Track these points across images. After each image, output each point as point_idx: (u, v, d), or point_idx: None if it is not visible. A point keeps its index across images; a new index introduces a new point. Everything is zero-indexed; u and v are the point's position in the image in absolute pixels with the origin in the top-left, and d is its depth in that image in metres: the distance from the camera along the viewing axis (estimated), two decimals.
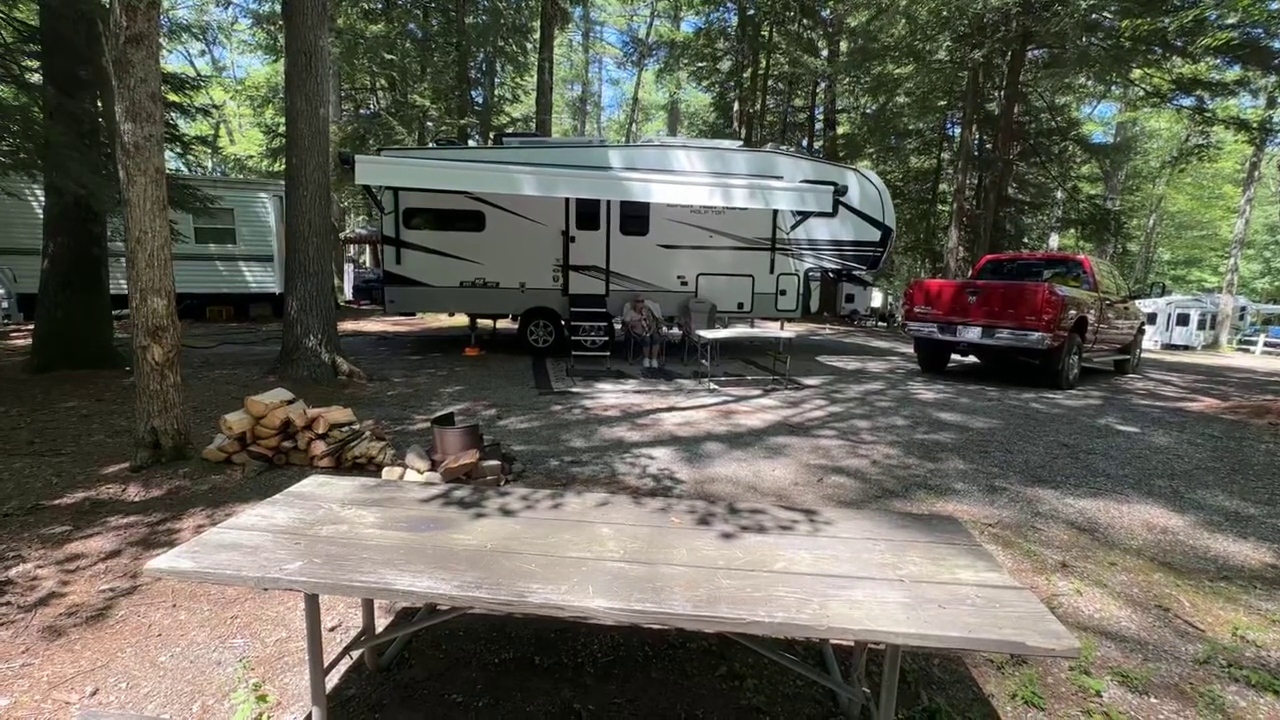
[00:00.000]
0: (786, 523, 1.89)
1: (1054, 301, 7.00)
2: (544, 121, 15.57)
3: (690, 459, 4.62)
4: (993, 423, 5.88)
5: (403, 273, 8.72)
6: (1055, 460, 4.74)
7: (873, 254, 10.04)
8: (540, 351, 9.25)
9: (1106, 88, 20.24)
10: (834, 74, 17.60)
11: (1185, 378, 10.05)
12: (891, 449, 4.97)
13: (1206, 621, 2.57)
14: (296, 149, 6.36)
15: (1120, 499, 3.95)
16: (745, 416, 5.96)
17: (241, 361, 7.80)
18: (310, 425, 4.17)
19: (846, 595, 1.49)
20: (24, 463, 4.06)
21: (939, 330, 7.97)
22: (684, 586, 1.51)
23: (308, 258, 6.49)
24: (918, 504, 3.79)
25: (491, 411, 5.91)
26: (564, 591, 1.48)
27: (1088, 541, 3.32)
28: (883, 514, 2.00)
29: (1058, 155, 18.33)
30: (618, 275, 9.24)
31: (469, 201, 8.62)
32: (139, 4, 3.28)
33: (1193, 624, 2.55)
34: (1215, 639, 2.44)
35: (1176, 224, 36.66)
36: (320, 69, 6.33)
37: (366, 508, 1.96)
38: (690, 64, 22.50)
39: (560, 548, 1.73)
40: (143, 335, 3.70)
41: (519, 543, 1.75)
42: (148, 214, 3.52)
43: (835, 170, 9.93)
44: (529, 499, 2.06)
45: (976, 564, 1.65)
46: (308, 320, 6.54)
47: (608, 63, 41.67)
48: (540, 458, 4.57)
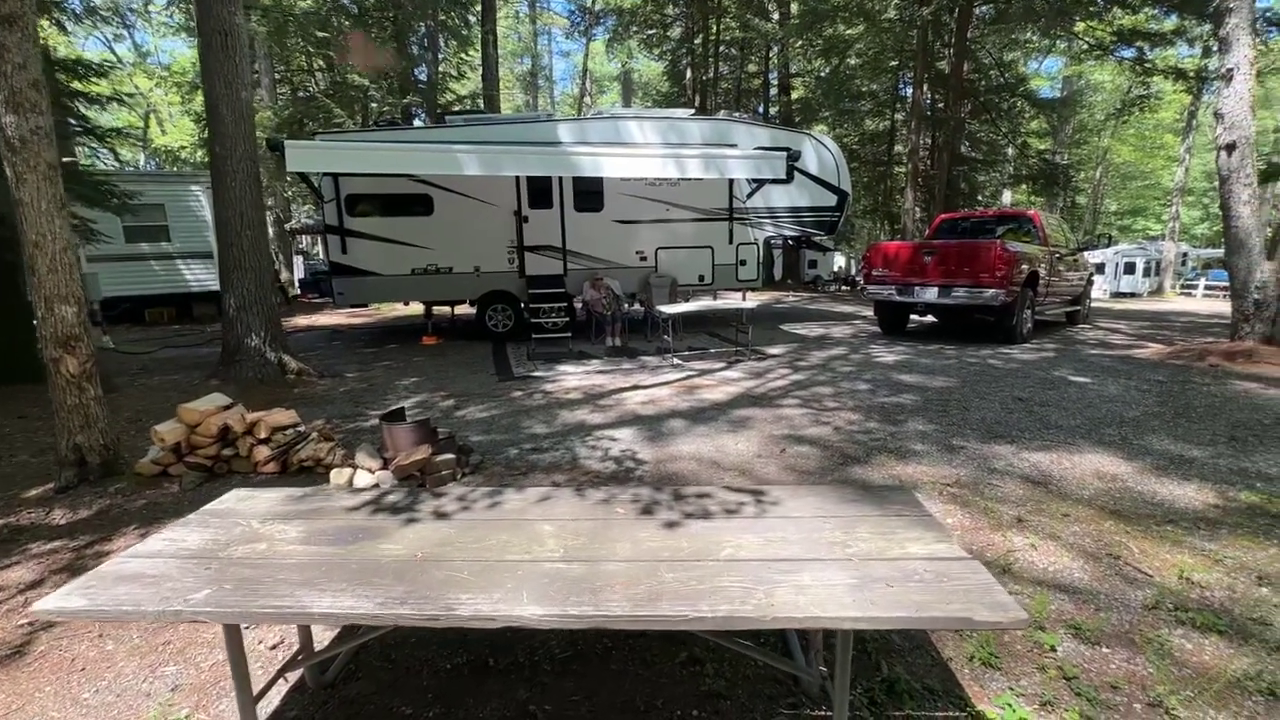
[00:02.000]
0: (734, 505, 1.83)
1: (1006, 258, 7.09)
2: (491, 97, 15.03)
3: (653, 438, 4.55)
4: (951, 381, 5.96)
5: (350, 263, 8.37)
6: (1011, 415, 4.82)
7: (830, 219, 10.03)
8: (500, 336, 9.04)
9: (1051, 42, 20.48)
10: (785, 37, 17.37)
11: (1133, 325, 10.39)
12: (853, 414, 4.99)
13: (1155, 566, 2.62)
14: (220, 137, 5.97)
15: (1072, 450, 4.03)
16: (709, 390, 5.92)
17: (183, 366, 7.43)
18: (251, 430, 3.96)
19: (793, 580, 1.43)
20: None
21: (897, 292, 8.04)
22: (624, 584, 1.43)
23: (242, 252, 6.14)
24: (879, 469, 3.80)
25: (450, 402, 5.74)
26: (496, 600, 1.39)
27: (1042, 495, 3.37)
28: (833, 488, 1.95)
29: (1007, 112, 18.57)
30: (575, 254, 9.04)
31: (414, 185, 8.28)
32: None
33: (1142, 569, 2.60)
34: (1163, 583, 2.50)
35: (1121, 175, 37.70)
36: (238, 50, 5.91)
37: (290, 521, 1.83)
38: (640, 31, 21.95)
39: (496, 551, 1.63)
40: (53, 347, 3.43)
41: (452, 549, 1.64)
42: (44, 215, 3.23)
43: (790, 136, 9.83)
44: (466, 499, 1.95)
45: (926, 535, 1.62)
46: (248, 319, 6.22)
47: (557, 34, 40.46)
48: (500, 447, 4.45)
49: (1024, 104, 19.14)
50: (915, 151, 16.10)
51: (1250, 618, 2.26)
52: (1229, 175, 6.37)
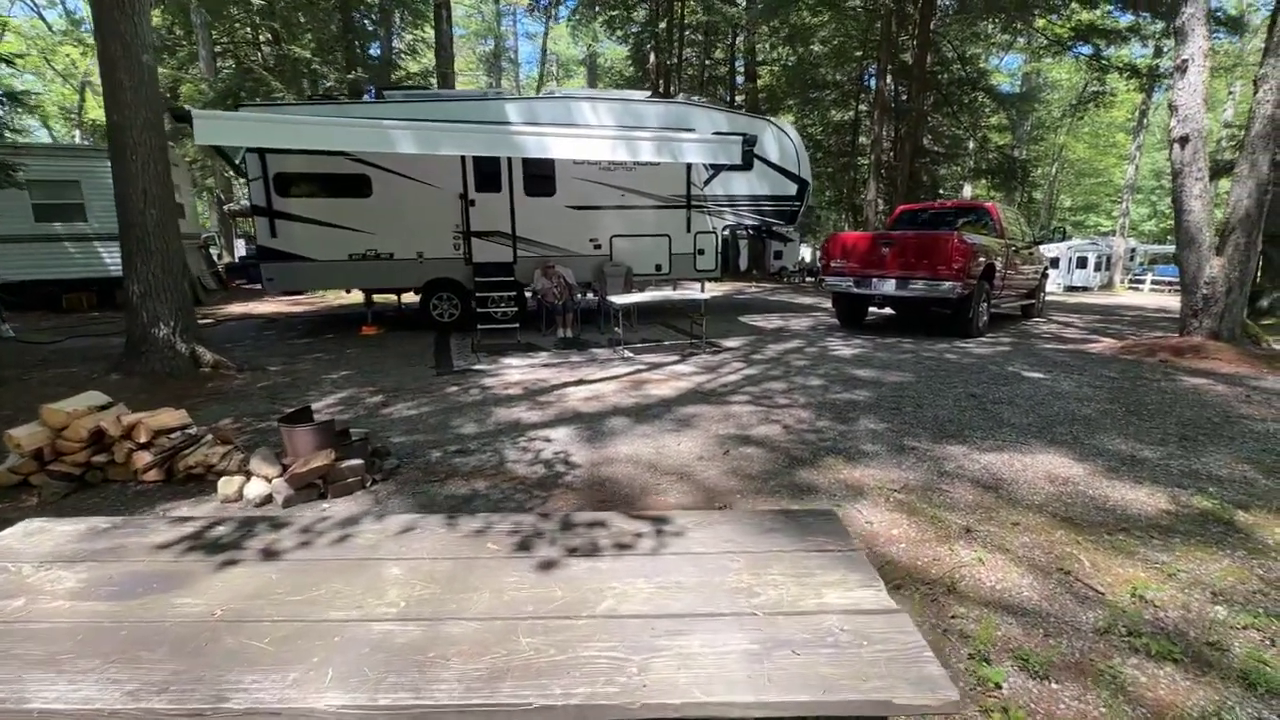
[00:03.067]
0: (629, 538, 1.53)
1: (963, 250, 6.97)
2: (445, 75, 14.34)
3: (591, 438, 4.24)
4: (906, 376, 5.80)
5: (280, 247, 7.79)
6: (964, 413, 4.65)
7: (790, 208, 9.82)
8: (445, 327, 8.59)
9: (1013, 36, 20.71)
10: (750, 22, 17.07)
11: (1085, 319, 10.50)
12: (805, 412, 4.77)
13: (1106, 582, 2.43)
14: (118, 105, 5.38)
15: (1024, 450, 3.87)
16: (657, 385, 5.64)
17: (89, 357, 6.79)
18: (130, 433, 3.50)
19: (679, 646, 1.14)
20: None
21: (855, 284, 7.87)
22: (465, 655, 1.12)
23: (146, 233, 5.57)
24: (826, 472, 3.57)
25: (378, 399, 5.33)
26: (290, 683, 1.06)
27: (992, 500, 3.18)
28: (749, 515, 1.67)
29: (968, 105, 18.68)
30: (525, 240, 8.62)
31: (349, 164, 7.74)
32: None
33: (1093, 586, 2.40)
34: (1115, 602, 2.30)
35: (1076, 171, 38.73)
36: (136, 6, 5.32)
37: (74, 566, 1.46)
38: (603, 13, 21.37)
39: (321, 604, 1.29)
40: None
41: (265, 603, 1.30)
42: None
43: (749, 122, 9.57)
44: (311, 529, 1.61)
45: (849, 577, 1.34)
46: (154, 306, 5.67)
47: (522, 16, 39.34)
48: (422, 449, 4.08)
49: (984, 98, 19.31)
50: (878, 142, 16.04)
51: (1207, 642, 2.07)
52: (1181, 169, 6.33)
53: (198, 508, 3.23)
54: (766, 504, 3.15)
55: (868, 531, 2.85)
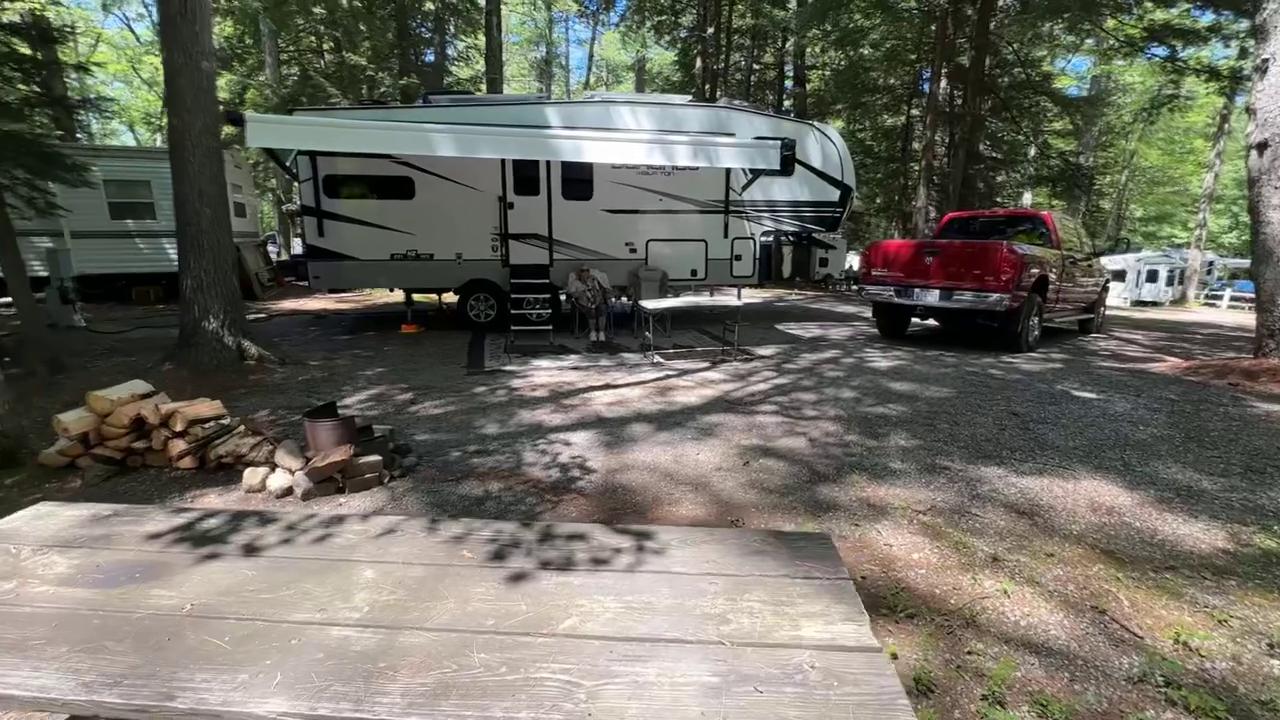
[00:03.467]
0: (607, 552, 1.47)
1: (1013, 260, 6.63)
2: (494, 80, 14.65)
3: (610, 444, 4.20)
4: (945, 392, 5.54)
5: (327, 246, 8.08)
6: (1003, 432, 4.40)
7: (832, 214, 9.58)
8: (481, 327, 8.72)
9: (1079, 38, 19.71)
10: (799, 27, 16.79)
11: (1150, 336, 9.85)
12: (833, 425, 4.60)
13: (1146, 625, 2.23)
14: (178, 109, 5.68)
15: (1067, 475, 3.63)
16: (684, 393, 5.56)
17: (148, 347, 7.18)
18: (167, 422, 3.66)
19: (635, 673, 1.07)
20: None
21: (896, 294, 7.60)
22: (414, 668, 1.09)
23: (200, 230, 5.86)
24: (849, 489, 3.42)
25: (407, 396, 5.43)
26: (237, 685, 1.05)
27: (1026, 528, 2.98)
28: (738, 534, 1.58)
29: (1029, 110, 17.86)
30: (561, 243, 8.67)
31: (395, 166, 7.96)
32: None
33: (1131, 628, 2.21)
34: (1155, 647, 2.11)
35: (1148, 179, 36.56)
36: (200, 17, 5.60)
37: (69, 551, 1.51)
38: (651, 18, 21.42)
39: (288, 604, 1.29)
40: None
41: (235, 600, 1.31)
42: None
43: (791, 126, 9.38)
44: (296, 528, 1.62)
45: (831, 609, 1.25)
46: (206, 300, 5.95)
47: (574, 22, 39.92)
48: (443, 448, 4.12)
49: (1048, 102, 18.42)
50: (930, 148, 15.50)
51: (1258, 700, 1.87)
52: (1259, 177, 5.86)
53: (224, 496, 3.35)
54: (781, 520, 3.05)
55: (885, 554, 2.71)
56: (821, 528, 2.96)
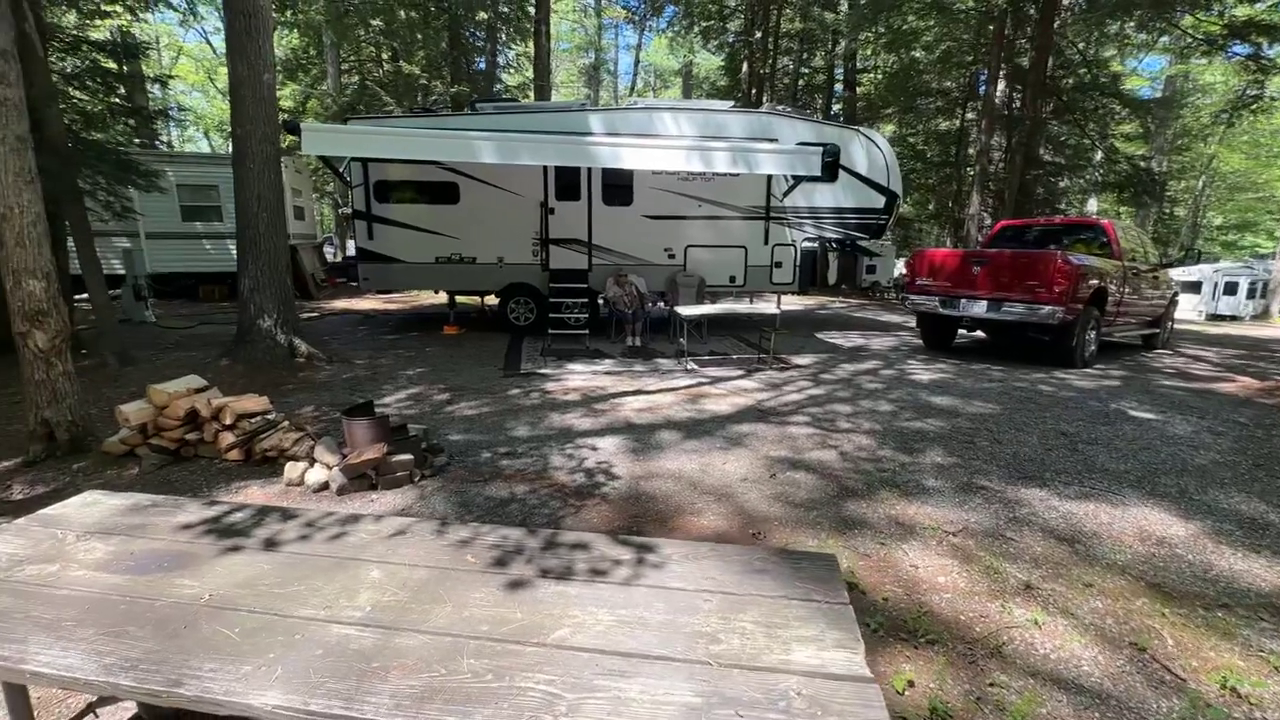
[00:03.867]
0: (607, 564, 1.48)
1: (1067, 271, 6.32)
2: (542, 87, 14.93)
3: (637, 450, 4.21)
4: (989, 407, 5.32)
5: (376, 249, 8.39)
6: (1050, 452, 4.20)
7: (877, 222, 9.34)
8: (520, 329, 8.88)
9: (1152, 37, 18.66)
10: (850, 31, 16.47)
11: (1223, 353, 9.20)
12: (867, 439, 4.49)
13: (1191, 667, 2.09)
14: (240, 119, 6.01)
15: (1115, 500, 3.43)
16: (715, 400, 5.52)
17: (209, 343, 7.60)
18: (217, 415, 3.87)
19: (617, 689, 1.08)
20: None
21: (941, 304, 7.35)
22: (405, 670, 1.12)
23: (258, 233, 6.17)
24: (878, 505, 3.33)
25: (444, 396, 5.58)
26: (240, 677, 1.11)
27: (1065, 555, 2.83)
28: (741, 551, 1.57)
29: (1095, 112, 16.99)
30: (600, 248, 8.75)
31: (441, 172, 8.21)
32: None
33: (1173, 670, 2.07)
34: (1198, 692, 1.97)
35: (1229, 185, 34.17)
36: (262, 31, 5.92)
37: (109, 537, 1.61)
38: (699, 23, 21.41)
39: (297, 600, 1.35)
40: (21, 320, 3.42)
41: (250, 593, 1.37)
42: (10, 188, 3.20)
43: (835, 132, 9.21)
44: (314, 525, 1.69)
45: (825, 634, 1.22)
46: (261, 300, 6.26)
47: (624, 29, 40.27)
48: (474, 448, 4.22)
49: (1116, 104, 17.47)
50: (985, 152, 14.93)
51: None
52: None
53: (266, 488, 3.51)
54: (805, 536, 2.99)
55: (910, 576, 2.62)
56: (845, 546, 2.89)
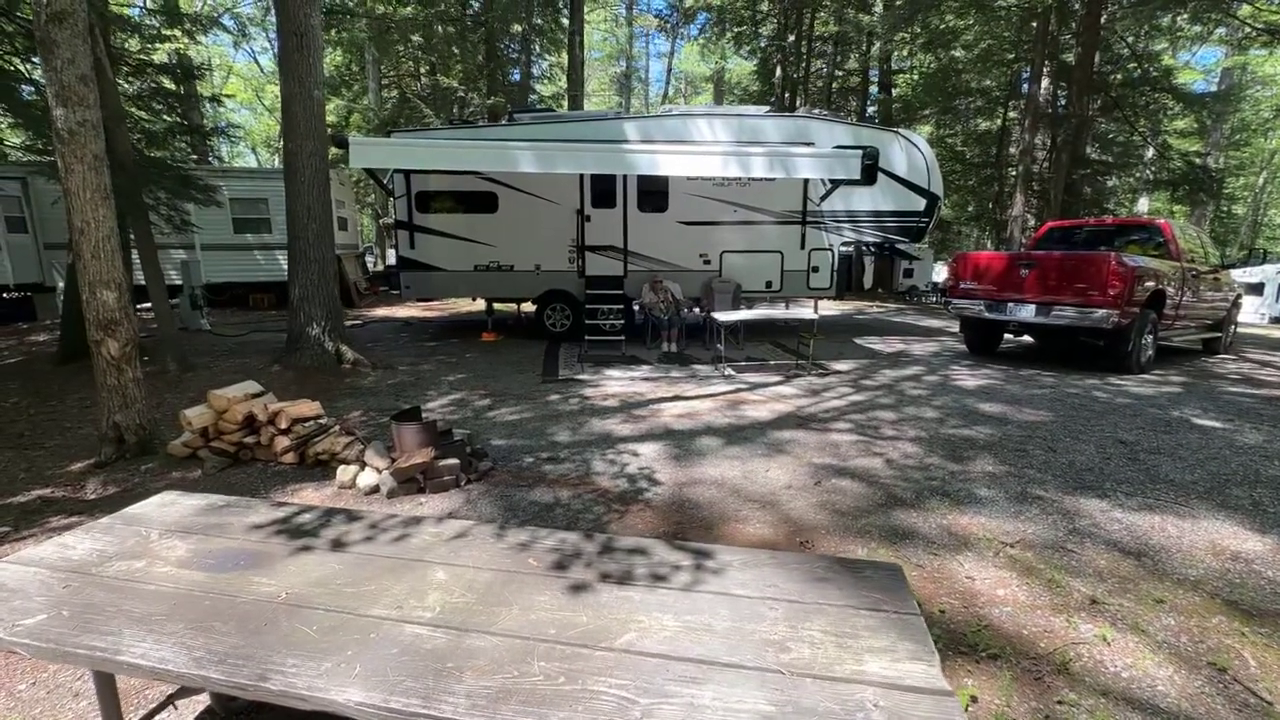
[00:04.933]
0: (666, 569, 1.48)
1: (1122, 273, 6.08)
2: (575, 97, 15.12)
3: (679, 456, 4.21)
4: (1041, 415, 5.15)
5: (416, 257, 8.59)
6: (1108, 462, 4.03)
7: (917, 225, 9.16)
8: (557, 336, 8.97)
9: (1207, 28, 17.90)
10: (885, 32, 16.22)
11: None
12: (913, 446, 4.39)
13: (1278, 690, 1.98)
14: (292, 133, 6.24)
15: (1183, 512, 3.27)
16: (755, 407, 5.47)
17: (262, 350, 7.88)
18: (273, 420, 4.01)
19: (691, 695, 1.07)
20: (6, 456, 4.10)
21: (987, 308, 7.14)
22: (480, 671, 1.14)
23: (308, 244, 6.40)
24: (928, 515, 3.25)
25: (485, 401, 5.66)
26: (321, 672, 1.14)
27: (1132, 569, 2.71)
28: (800, 558, 1.55)
29: (1145, 108, 16.36)
30: (636, 255, 8.79)
31: (480, 182, 8.37)
32: None
33: (1258, 692, 1.96)
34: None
35: None
36: (312, 49, 6.15)
37: (188, 537, 1.69)
38: (731, 29, 21.40)
39: (368, 599, 1.38)
40: (95, 329, 3.61)
41: (324, 591, 1.42)
42: (89, 203, 3.38)
43: (874, 134, 9.08)
44: (377, 526, 1.73)
45: (898, 645, 1.20)
46: (310, 308, 6.47)
47: (655, 38, 40.50)
48: (517, 453, 4.27)
49: (1168, 99, 16.79)
50: (1028, 152, 14.50)
51: None
52: None
53: (319, 490, 3.62)
54: (853, 545, 2.93)
55: (967, 588, 2.55)
56: (896, 556, 2.83)
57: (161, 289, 6.18)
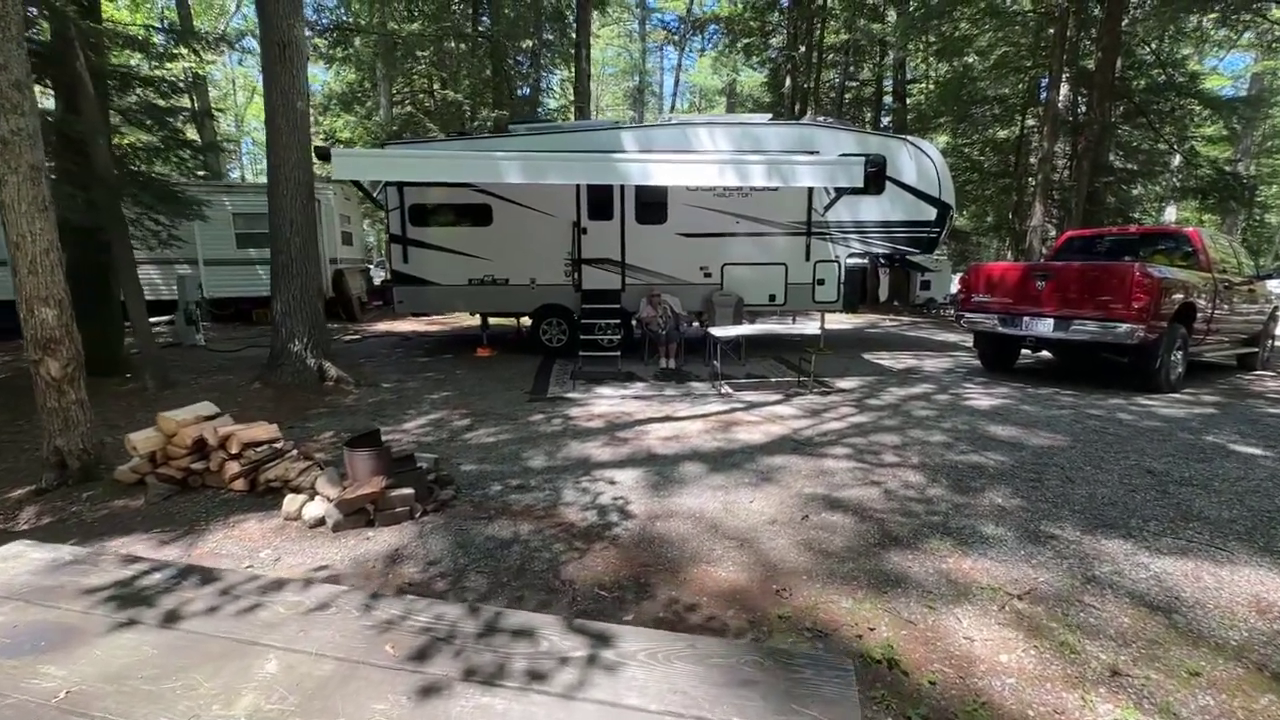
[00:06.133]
0: (551, 662, 1.16)
1: (1147, 285, 5.66)
2: (582, 109, 15.04)
3: (657, 484, 3.89)
4: (1058, 439, 4.73)
5: (410, 271, 8.42)
6: (1134, 495, 3.63)
7: (928, 235, 8.78)
8: (553, 352, 8.71)
9: (1235, 32, 17.30)
10: (897, 37, 15.89)
11: None
12: (915, 474, 4.02)
13: None
14: (275, 146, 6.10)
15: (1221, 558, 2.87)
16: (748, 429, 5.13)
17: (249, 366, 7.72)
18: (224, 444, 3.77)
19: None
20: None
21: (1001, 323, 6.73)
22: None
23: (290, 258, 6.23)
24: (925, 558, 2.89)
25: (465, 422, 5.40)
26: None
27: (1161, 629, 2.33)
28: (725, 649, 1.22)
29: (1170, 115, 15.78)
30: (634, 268, 8.53)
31: (474, 195, 8.19)
32: None
33: None
34: None
35: None
36: (296, 61, 6.02)
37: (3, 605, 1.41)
38: (740, 40, 21.25)
39: (163, 704, 1.09)
40: (34, 348, 3.41)
41: (114, 689, 1.13)
42: (24, 216, 3.20)
43: (880, 142, 8.76)
44: (230, 593, 1.44)
45: None
46: (292, 324, 6.30)
47: (669, 52, 40.63)
48: (485, 480, 3.98)
49: (1195, 105, 16.17)
50: (1047, 160, 14.02)
51: None
52: None
53: (264, 523, 3.36)
54: (836, 595, 2.58)
55: (964, 652, 2.19)
56: (885, 608, 2.48)
57: (140, 304, 6.05)
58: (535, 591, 2.64)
